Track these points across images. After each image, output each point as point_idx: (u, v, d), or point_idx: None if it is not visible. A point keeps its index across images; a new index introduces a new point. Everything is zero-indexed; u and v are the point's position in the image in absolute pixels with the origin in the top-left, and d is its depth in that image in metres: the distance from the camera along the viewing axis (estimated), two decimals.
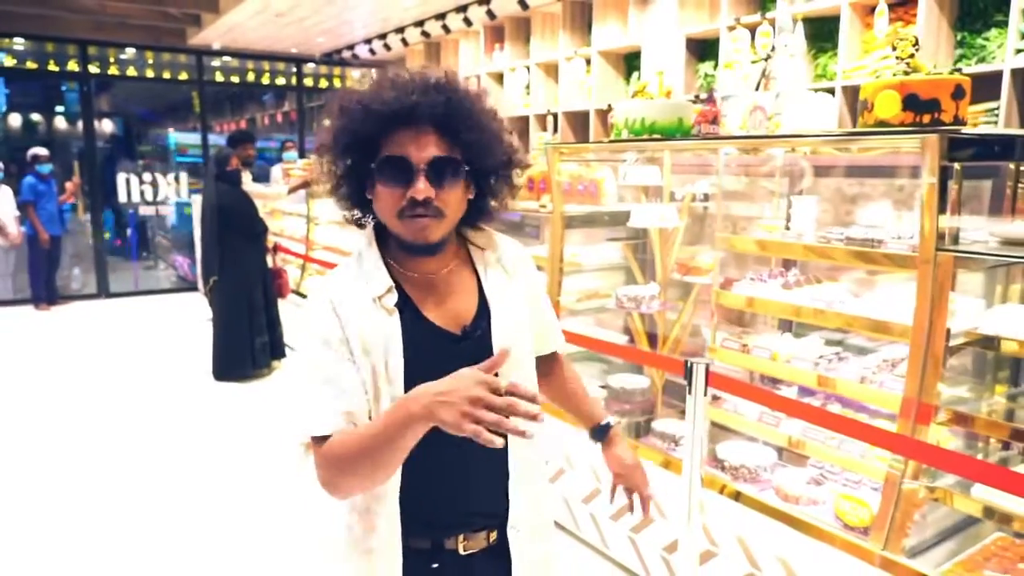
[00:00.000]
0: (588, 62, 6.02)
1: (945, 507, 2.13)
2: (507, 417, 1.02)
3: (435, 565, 1.30)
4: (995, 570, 1.94)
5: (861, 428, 2.09)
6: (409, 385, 1.20)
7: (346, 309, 1.24)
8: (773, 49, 2.72)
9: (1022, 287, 2.22)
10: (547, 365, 1.57)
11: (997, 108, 3.60)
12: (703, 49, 5.34)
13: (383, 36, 8.05)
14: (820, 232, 2.40)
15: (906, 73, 2.17)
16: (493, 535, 1.33)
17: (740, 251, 2.66)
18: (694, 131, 2.89)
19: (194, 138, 9.82)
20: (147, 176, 8.99)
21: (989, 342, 2.00)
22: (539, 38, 6.52)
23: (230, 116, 13.21)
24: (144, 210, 9.09)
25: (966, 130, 2.10)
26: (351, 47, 8.84)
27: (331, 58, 9.58)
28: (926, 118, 2.07)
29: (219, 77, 10.06)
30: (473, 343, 1.28)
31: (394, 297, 1.26)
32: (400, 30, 7.69)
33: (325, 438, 1.20)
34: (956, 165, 1.95)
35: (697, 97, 4.44)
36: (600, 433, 1.59)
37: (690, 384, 2.32)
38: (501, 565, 1.34)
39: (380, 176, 1.22)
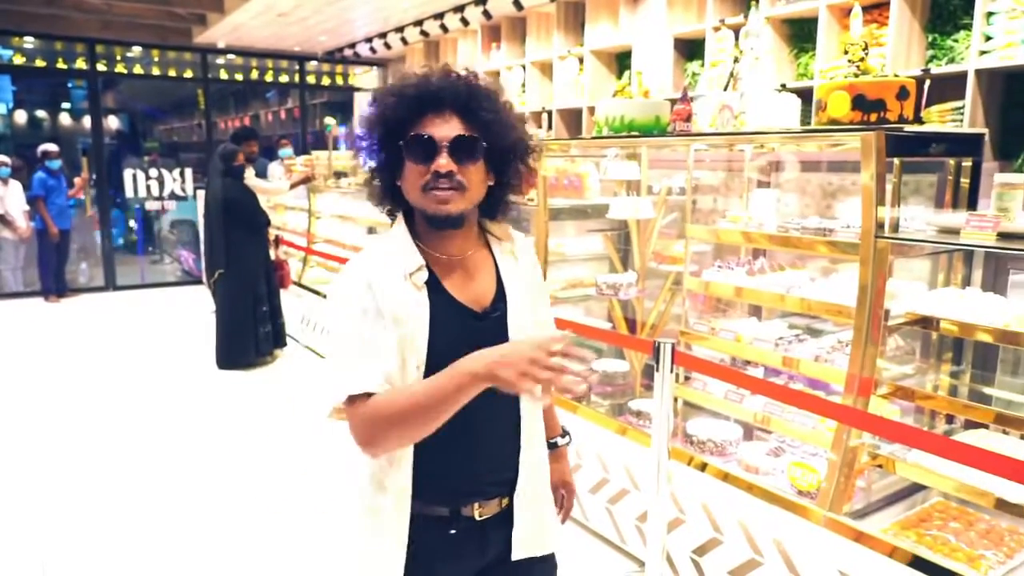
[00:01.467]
0: (581, 61, 6.19)
1: (895, 475, 2.32)
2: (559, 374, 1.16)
3: (453, 531, 1.42)
4: (929, 529, 2.13)
5: (808, 400, 2.28)
6: (432, 355, 1.35)
7: (380, 284, 1.36)
8: (742, 51, 2.91)
9: (963, 273, 2.41)
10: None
11: (963, 107, 3.77)
12: (691, 49, 5.51)
13: (383, 35, 8.23)
14: (780, 222, 2.58)
15: (856, 75, 2.36)
16: (505, 501, 1.46)
17: (708, 241, 2.85)
18: (670, 128, 3.08)
19: None
20: (153, 172, 9.20)
21: (929, 323, 2.18)
22: (534, 38, 6.70)
23: (234, 113, 13.42)
24: (150, 205, 9.30)
25: (911, 128, 2.28)
26: (352, 45, 9.02)
27: (333, 56, 9.77)
28: (873, 117, 2.25)
29: (224, 75, 10.27)
30: (492, 322, 1.42)
31: (424, 275, 1.37)
32: (400, 29, 7.87)
33: (364, 398, 1.30)
34: (896, 160, 2.13)
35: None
36: (551, 446, 1.69)
37: (658, 362, 2.52)
38: (510, 529, 1.46)
39: (408, 153, 1.34)
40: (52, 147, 8.22)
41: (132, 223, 10.24)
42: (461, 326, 1.39)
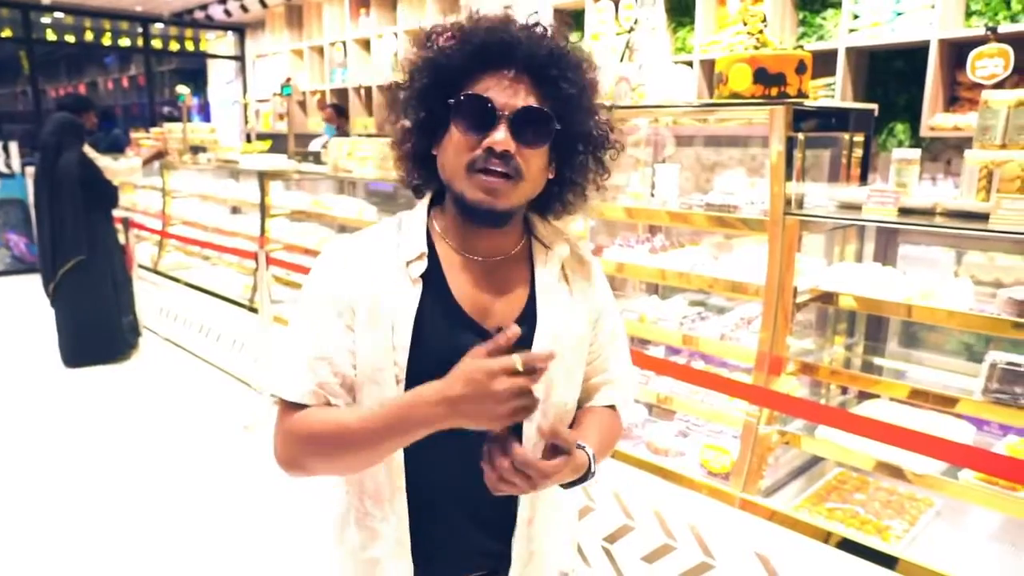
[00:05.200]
0: None
1: (795, 448, 2.34)
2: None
3: None
4: (835, 501, 2.16)
5: (719, 381, 2.25)
6: (415, 368, 1.07)
7: (363, 270, 1.09)
8: (636, 22, 2.81)
9: (856, 247, 2.46)
10: (592, 417, 1.24)
11: (834, 83, 3.92)
12: (571, 20, 5.42)
13: None
14: (682, 199, 2.52)
15: (756, 48, 2.31)
16: None
17: (609, 218, 2.75)
18: None
19: None
20: None
21: (829, 298, 2.19)
22: (406, 4, 6.37)
23: (67, 80, 12.05)
24: None
25: (808, 103, 2.26)
26: (204, 7, 8.25)
27: (182, 19, 8.90)
28: (774, 91, 2.21)
29: (51, 35, 9.10)
30: (509, 352, 1.09)
31: (422, 266, 1.10)
32: None
33: (297, 407, 1.08)
34: (800, 135, 2.11)
35: None
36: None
37: None
38: None
39: (457, 118, 1.05)
40: None
41: None
42: (458, 343, 1.05)
